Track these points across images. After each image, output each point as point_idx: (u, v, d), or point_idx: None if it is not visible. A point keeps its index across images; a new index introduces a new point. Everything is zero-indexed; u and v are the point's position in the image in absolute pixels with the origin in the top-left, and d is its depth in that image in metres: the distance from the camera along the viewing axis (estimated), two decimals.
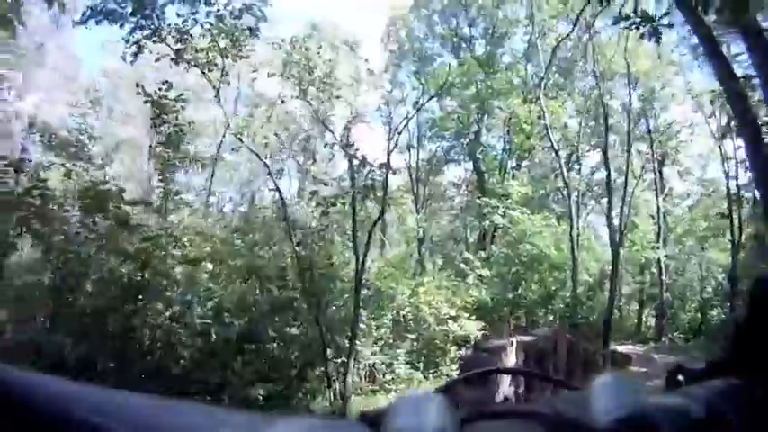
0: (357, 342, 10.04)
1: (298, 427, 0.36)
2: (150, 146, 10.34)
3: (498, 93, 22.19)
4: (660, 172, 24.85)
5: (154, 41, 10.22)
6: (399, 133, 12.27)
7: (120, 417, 0.34)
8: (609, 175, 18.90)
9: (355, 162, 10.00)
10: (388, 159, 10.25)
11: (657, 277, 23.48)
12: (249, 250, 10.69)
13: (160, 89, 9.77)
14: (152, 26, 10.08)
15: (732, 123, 15.24)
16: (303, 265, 9.57)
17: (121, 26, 10.17)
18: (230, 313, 9.57)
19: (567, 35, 19.60)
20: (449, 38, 24.65)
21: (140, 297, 8.86)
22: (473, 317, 12.83)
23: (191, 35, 10.35)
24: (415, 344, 11.99)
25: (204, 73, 10.85)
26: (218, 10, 10.04)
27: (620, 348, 18.11)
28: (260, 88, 21.99)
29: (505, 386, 7.38)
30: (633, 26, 7.36)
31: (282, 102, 13.39)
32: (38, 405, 0.33)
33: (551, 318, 17.44)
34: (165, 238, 9.24)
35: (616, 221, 19.69)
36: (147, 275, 8.90)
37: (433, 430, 0.35)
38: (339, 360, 9.96)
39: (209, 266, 10.37)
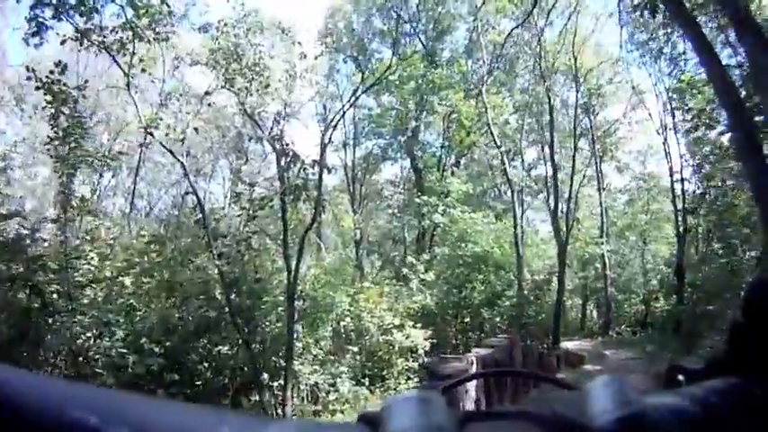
0: (294, 361, 8.97)
1: (297, 427, 0.37)
2: (46, 143, 8.84)
3: (439, 87, 21.52)
4: (599, 167, 24.95)
5: (59, 20, 8.81)
6: (334, 127, 11.25)
7: (117, 417, 0.33)
8: (555, 171, 18.53)
9: (286, 160, 8.84)
10: (322, 154, 9.16)
11: (601, 272, 23.49)
12: (168, 263, 9.38)
13: (52, 72, 8.29)
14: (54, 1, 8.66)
15: (694, 119, 15.24)
16: (227, 279, 8.36)
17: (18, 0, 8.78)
18: (150, 339, 8.28)
19: (516, 27, 19.23)
20: (389, 33, 23.80)
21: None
22: (418, 324, 12.00)
23: (97, 10, 8.99)
24: (358, 357, 11.02)
25: (114, 58, 9.51)
26: None
27: (569, 345, 17.82)
28: (189, 81, 20.51)
29: (469, 406, 6.70)
30: None
31: (207, 93, 12.13)
32: (34, 405, 0.32)
33: (498, 319, 16.89)
34: (63, 255, 7.86)
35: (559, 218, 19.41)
36: (47, 301, 7.55)
37: (432, 430, 0.34)
38: (276, 383, 8.86)
39: (128, 282, 9.08)
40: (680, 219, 18.81)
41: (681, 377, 0.56)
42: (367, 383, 10.61)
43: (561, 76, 22.41)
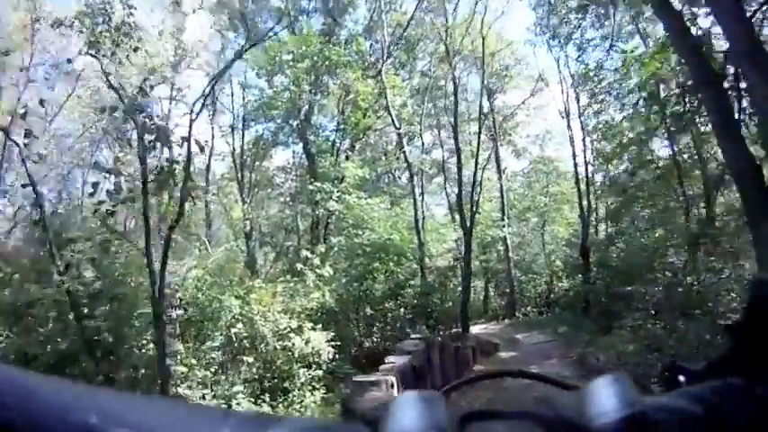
0: (180, 385, 7.47)
1: (297, 427, 0.37)
2: None
3: (336, 65, 20.22)
4: (498, 151, 24.90)
5: None
6: (207, 96, 9.52)
7: (118, 418, 0.33)
8: (459, 155, 17.94)
9: (149, 138, 7.13)
10: (191, 129, 7.49)
11: (504, 254, 23.42)
12: (8, 280, 7.44)
13: None
14: None
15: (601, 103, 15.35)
16: (76, 298, 6.65)
17: None
18: None
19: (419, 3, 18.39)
20: (285, 11, 22.03)
21: None
22: (318, 324, 10.87)
23: None
24: (255, 369, 9.64)
25: None
26: None
27: (476, 329, 17.41)
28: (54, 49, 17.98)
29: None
30: None
31: (69, 61, 10.14)
32: (35, 406, 0.32)
33: (402, 310, 16.11)
34: None
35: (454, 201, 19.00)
36: None
37: (432, 430, 0.35)
38: None
39: None
40: (584, 201, 18.98)
41: (682, 378, 0.55)
42: (268, 399, 9.31)
43: (462, 60, 21.92)
